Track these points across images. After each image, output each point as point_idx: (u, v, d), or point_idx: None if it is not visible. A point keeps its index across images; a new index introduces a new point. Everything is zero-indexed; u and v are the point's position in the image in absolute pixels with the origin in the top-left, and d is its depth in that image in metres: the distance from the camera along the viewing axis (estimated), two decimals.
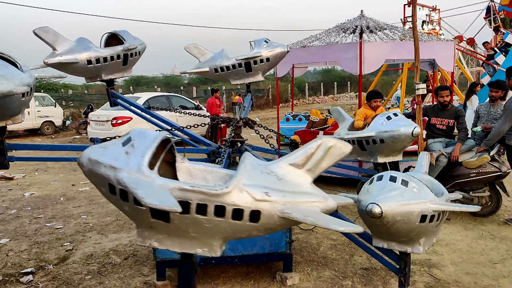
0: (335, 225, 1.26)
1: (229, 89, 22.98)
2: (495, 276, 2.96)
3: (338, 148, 1.41)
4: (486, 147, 4.06)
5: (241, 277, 2.98)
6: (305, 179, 1.40)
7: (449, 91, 4.49)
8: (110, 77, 3.12)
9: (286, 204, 1.31)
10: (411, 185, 1.79)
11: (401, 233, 1.81)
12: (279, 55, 3.44)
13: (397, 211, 1.71)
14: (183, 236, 1.40)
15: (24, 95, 2.06)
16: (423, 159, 2.37)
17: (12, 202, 5.28)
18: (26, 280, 3.04)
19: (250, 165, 1.39)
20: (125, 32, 3.17)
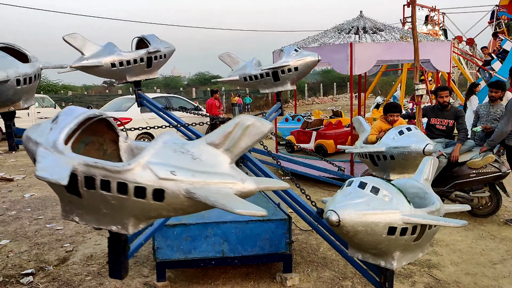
0: (239, 209, 1.17)
1: (229, 90, 23.00)
2: (495, 277, 2.96)
3: (256, 127, 1.31)
4: (489, 147, 4.06)
5: (241, 278, 2.98)
6: (222, 159, 1.33)
7: (449, 92, 4.49)
8: (135, 79, 3.23)
9: (193, 184, 1.25)
10: (382, 193, 1.65)
11: (367, 244, 1.68)
12: (309, 64, 3.35)
13: (358, 220, 1.57)
14: (98, 212, 1.41)
15: (19, 83, 2.18)
16: (425, 165, 2.18)
17: (12, 203, 5.27)
18: (26, 281, 3.04)
19: (162, 143, 1.34)
20: (152, 36, 3.28)
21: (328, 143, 6.00)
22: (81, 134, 1.53)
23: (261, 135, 1.34)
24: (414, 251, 1.81)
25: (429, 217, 1.68)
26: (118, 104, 9.46)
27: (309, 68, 3.44)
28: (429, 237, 1.84)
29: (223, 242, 2.80)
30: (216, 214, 2.83)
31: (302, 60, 3.32)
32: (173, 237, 2.75)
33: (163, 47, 3.26)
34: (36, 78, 2.39)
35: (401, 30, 6.65)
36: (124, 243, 1.68)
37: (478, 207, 4.22)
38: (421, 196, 1.92)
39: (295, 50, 3.39)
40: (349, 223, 1.57)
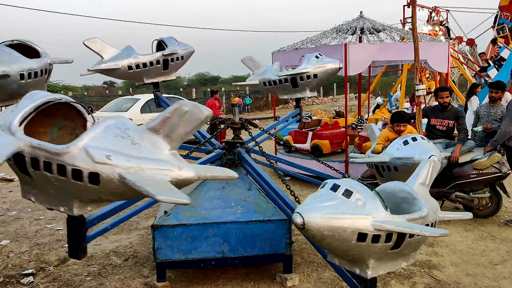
0: (162, 196, 1.16)
1: (229, 90, 23.00)
2: (496, 278, 2.96)
3: (193, 113, 1.29)
4: (492, 147, 4.07)
5: (241, 278, 2.98)
6: (162, 145, 1.31)
7: (449, 92, 4.49)
8: (152, 80, 3.32)
9: (128, 169, 1.24)
10: (355, 197, 1.56)
11: (337, 250, 1.60)
12: (329, 71, 3.26)
13: (323, 224, 1.48)
14: (47, 193, 1.44)
15: (23, 77, 2.28)
16: (422, 168, 2.06)
17: (12, 203, 5.28)
18: (26, 282, 3.04)
19: (104, 127, 1.33)
20: (170, 39, 3.35)
21: (323, 143, 6.03)
22: (54, 118, 1.57)
23: (198, 121, 1.30)
24: (394, 260, 1.71)
25: (405, 225, 1.56)
26: (118, 104, 9.46)
27: (329, 76, 3.33)
28: (413, 246, 1.73)
29: (223, 243, 2.80)
30: (217, 214, 2.83)
31: (322, 67, 3.23)
32: (173, 237, 2.75)
33: (180, 49, 3.32)
34: (44, 73, 2.48)
35: (401, 31, 6.66)
36: (80, 224, 1.72)
37: (479, 208, 4.22)
38: (409, 201, 1.81)
39: (315, 57, 3.30)
40: (314, 227, 1.49)
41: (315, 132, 6.25)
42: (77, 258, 1.84)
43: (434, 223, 1.83)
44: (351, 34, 6.07)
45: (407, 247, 1.68)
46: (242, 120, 3.04)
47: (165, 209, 2.91)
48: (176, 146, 1.35)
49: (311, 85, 3.33)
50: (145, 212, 4.78)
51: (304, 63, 3.31)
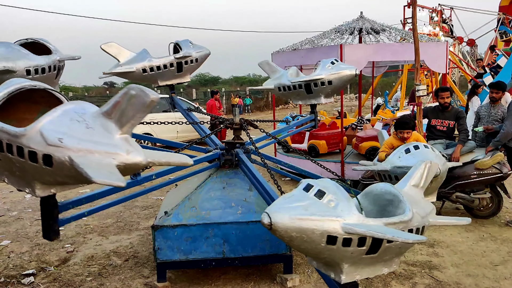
0: (97, 178, 1.18)
1: (229, 91, 23.02)
2: (496, 278, 2.96)
3: (139, 97, 1.29)
4: (494, 147, 4.07)
5: (242, 278, 2.98)
6: (113, 129, 1.33)
7: (450, 93, 4.48)
8: (166, 83, 3.40)
9: (78, 152, 1.26)
10: (327, 198, 1.50)
11: (308, 253, 1.55)
12: (344, 78, 3.18)
13: (291, 225, 1.43)
14: (14, 175, 1.47)
15: (29, 73, 2.40)
16: (416, 170, 1.99)
17: (13, 204, 5.28)
18: (27, 282, 3.04)
19: (62, 111, 1.35)
20: (185, 41, 3.42)
21: (320, 144, 6.06)
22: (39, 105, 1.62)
23: (145, 105, 1.30)
24: (373, 266, 1.64)
25: (377, 229, 1.46)
26: None
27: (345, 83, 3.25)
28: (395, 252, 1.65)
29: (223, 243, 2.80)
30: (217, 215, 2.83)
31: (337, 74, 3.15)
32: (173, 238, 2.75)
33: (194, 51, 3.38)
34: (52, 69, 2.60)
35: (400, 31, 6.66)
36: (52, 207, 1.79)
37: (479, 208, 4.21)
38: (395, 204, 1.73)
39: (331, 63, 3.22)
40: (281, 228, 1.44)
41: (311, 133, 6.27)
42: (49, 239, 1.88)
43: (421, 228, 1.73)
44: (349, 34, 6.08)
45: (386, 253, 1.61)
46: (241, 120, 3.04)
47: (165, 210, 2.92)
48: (128, 131, 1.36)
49: (326, 92, 3.26)
50: (145, 212, 4.78)
51: (319, 69, 3.25)
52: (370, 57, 5.48)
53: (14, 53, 2.42)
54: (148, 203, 5.15)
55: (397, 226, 1.58)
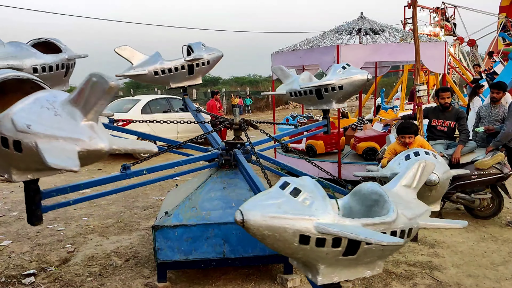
0: (52, 162, 1.24)
1: (229, 91, 23.02)
2: (497, 279, 2.95)
3: (100, 84, 1.31)
4: (495, 147, 4.06)
5: (242, 279, 2.98)
6: (78, 116, 1.37)
7: (450, 93, 4.48)
8: (178, 85, 3.45)
9: (44, 138, 1.30)
10: (302, 196, 1.46)
11: (283, 252, 1.52)
12: (355, 83, 3.09)
13: (263, 223, 1.40)
14: None
15: (36, 71, 2.48)
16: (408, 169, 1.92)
17: (14, 204, 5.29)
18: (28, 282, 3.04)
19: (34, 99, 1.40)
20: (197, 44, 3.46)
21: (317, 144, 6.09)
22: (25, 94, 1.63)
23: (104, 92, 1.33)
24: (353, 268, 1.59)
25: (351, 230, 1.41)
26: (119, 105, 9.48)
27: (356, 88, 3.16)
28: (377, 254, 1.60)
29: (223, 243, 2.80)
30: (217, 215, 2.83)
31: (348, 78, 3.08)
32: (174, 238, 2.76)
33: (206, 54, 3.42)
34: (61, 67, 2.71)
35: (401, 31, 6.66)
36: (33, 193, 1.86)
37: (480, 209, 4.21)
38: (380, 204, 1.68)
39: (342, 67, 3.15)
40: (253, 225, 1.41)
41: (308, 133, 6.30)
42: (31, 223, 1.92)
43: (407, 230, 1.66)
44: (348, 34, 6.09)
45: (367, 255, 1.56)
46: (241, 121, 3.03)
47: (166, 210, 2.92)
48: (93, 117, 1.39)
49: (337, 97, 3.19)
50: (145, 212, 4.78)
51: (330, 73, 3.19)
52: (368, 58, 5.49)
53: (23, 52, 2.52)
54: (148, 203, 5.15)
55: (377, 227, 1.52)
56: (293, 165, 3.67)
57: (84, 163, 1.38)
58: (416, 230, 1.75)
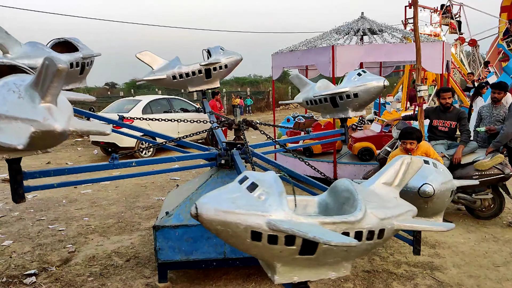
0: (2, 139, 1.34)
1: (230, 91, 23.03)
2: (499, 279, 2.95)
3: (50, 66, 1.37)
4: (495, 148, 4.05)
5: (243, 279, 2.98)
6: (37, 99, 1.43)
7: (452, 93, 4.47)
8: (196, 88, 3.56)
9: (5, 119, 1.40)
10: (258, 192, 1.43)
11: (238, 248, 1.48)
12: (371, 90, 3.00)
13: (215, 218, 1.37)
14: None
15: None
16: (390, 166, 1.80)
17: (15, 204, 5.29)
18: (29, 282, 3.05)
19: (3, 82, 1.48)
20: (215, 48, 3.53)
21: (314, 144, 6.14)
22: None
23: (54, 74, 1.38)
24: (315, 268, 1.54)
25: (302, 228, 1.34)
26: (120, 105, 9.50)
27: (372, 95, 3.06)
28: (339, 255, 1.52)
29: (224, 244, 2.80)
30: None
31: (363, 86, 2.99)
32: (174, 238, 2.76)
33: (224, 58, 3.49)
34: (74, 66, 2.87)
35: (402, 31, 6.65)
36: (14, 172, 2.00)
37: (481, 209, 4.20)
38: (350, 203, 1.62)
39: (357, 74, 3.07)
40: (206, 219, 1.38)
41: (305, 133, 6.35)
42: (14, 201, 2.07)
43: (378, 231, 1.57)
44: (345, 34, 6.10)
45: (328, 255, 1.50)
46: (240, 121, 3.04)
47: (166, 210, 2.92)
48: (51, 100, 1.45)
49: (353, 105, 3.12)
50: (146, 213, 4.79)
51: (345, 81, 3.13)
52: (362, 58, 5.51)
53: (37, 51, 2.69)
54: (149, 204, 5.15)
55: (338, 227, 1.46)
56: (291, 165, 3.66)
57: (42, 144, 1.49)
58: (392, 232, 1.65)
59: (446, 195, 2.22)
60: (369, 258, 3.31)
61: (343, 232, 1.48)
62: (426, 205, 2.18)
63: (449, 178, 2.24)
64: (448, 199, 2.27)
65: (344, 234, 1.47)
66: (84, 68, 3.14)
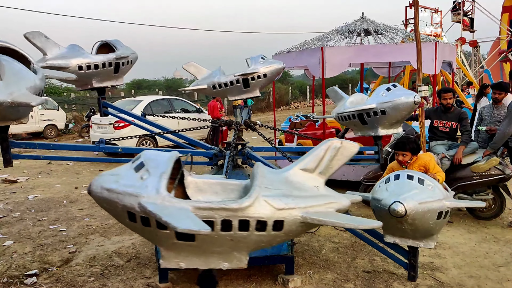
0: None
1: None
2: (499, 280, 2.94)
3: None
4: (492, 150, 4.04)
5: (243, 279, 2.98)
6: None
7: (452, 94, 4.47)
8: (235, 98, 3.65)
9: None
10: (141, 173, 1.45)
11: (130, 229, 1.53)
12: (400, 107, 2.85)
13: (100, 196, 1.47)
14: None
15: (81, 68, 2.91)
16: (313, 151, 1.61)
17: (16, 204, 5.31)
18: (30, 282, 3.05)
19: None
20: (256, 57, 3.62)
21: (306, 143, 6.27)
22: None
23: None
24: (203, 256, 1.47)
25: (159, 210, 1.29)
26: (121, 106, 9.43)
27: (403, 112, 2.86)
28: (227, 244, 1.44)
29: None
30: None
31: (391, 102, 2.83)
32: None
33: (263, 67, 3.52)
34: (107, 65, 3.16)
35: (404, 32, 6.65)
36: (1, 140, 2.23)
37: (482, 210, 4.20)
38: (247, 190, 1.54)
39: (386, 89, 2.93)
40: (94, 197, 1.48)
41: (299, 132, 6.47)
42: (4, 166, 2.33)
43: (275, 222, 1.44)
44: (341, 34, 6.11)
45: (212, 243, 1.42)
46: (247, 121, 3.07)
47: None
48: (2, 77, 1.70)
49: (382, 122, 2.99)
50: None
51: (373, 96, 2.95)
52: (351, 59, 5.55)
53: (73, 53, 3.01)
54: None
55: (216, 213, 1.38)
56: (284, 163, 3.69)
57: None
58: (297, 224, 1.47)
59: (428, 216, 1.96)
60: (370, 259, 3.31)
61: (224, 219, 1.38)
62: (402, 226, 1.99)
63: (437, 197, 1.99)
64: (434, 221, 2.01)
65: (225, 222, 1.38)
66: (118, 68, 3.37)
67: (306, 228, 1.56)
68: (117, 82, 3.59)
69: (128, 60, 3.49)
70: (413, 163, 2.89)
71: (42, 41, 2.92)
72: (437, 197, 2.01)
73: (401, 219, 1.94)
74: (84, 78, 3.31)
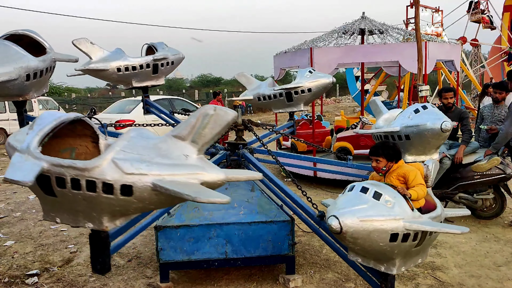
0: None
1: (231, 92, 23.05)
2: (500, 279, 2.94)
3: None
4: (494, 150, 4.04)
5: (244, 279, 2.98)
6: None
7: (453, 93, 4.47)
8: (279, 110, 3.83)
9: None
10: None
11: None
12: (425, 133, 2.59)
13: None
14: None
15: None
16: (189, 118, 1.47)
17: (17, 204, 5.32)
18: (31, 282, 3.06)
19: None
20: (303, 71, 3.70)
21: (298, 142, 6.36)
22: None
23: None
24: (72, 214, 1.62)
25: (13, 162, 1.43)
26: (121, 106, 9.52)
27: (430, 140, 2.69)
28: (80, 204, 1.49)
29: (226, 244, 2.80)
30: (219, 215, 2.84)
31: (415, 127, 2.57)
32: (176, 238, 2.77)
33: (308, 82, 3.59)
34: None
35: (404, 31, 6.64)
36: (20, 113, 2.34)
37: (483, 209, 4.20)
38: None
39: (414, 111, 2.68)
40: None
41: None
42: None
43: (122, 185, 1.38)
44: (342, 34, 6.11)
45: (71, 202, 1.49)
46: (245, 121, 3.06)
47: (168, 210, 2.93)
48: None
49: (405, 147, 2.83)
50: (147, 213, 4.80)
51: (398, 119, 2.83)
52: (340, 59, 5.60)
53: (115, 56, 3.20)
54: None
55: (66, 171, 1.40)
56: None
57: None
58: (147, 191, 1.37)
59: (375, 237, 1.68)
60: None
61: (73, 178, 1.40)
62: (348, 244, 1.78)
63: (392, 216, 1.71)
64: (387, 244, 1.70)
65: (74, 180, 1.41)
66: (157, 68, 3.48)
67: (168, 198, 1.40)
68: (157, 82, 3.70)
69: (168, 61, 3.58)
70: (392, 171, 2.40)
71: (87, 46, 3.12)
72: (391, 216, 1.72)
73: (340, 236, 1.74)
74: (124, 79, 3.47)
